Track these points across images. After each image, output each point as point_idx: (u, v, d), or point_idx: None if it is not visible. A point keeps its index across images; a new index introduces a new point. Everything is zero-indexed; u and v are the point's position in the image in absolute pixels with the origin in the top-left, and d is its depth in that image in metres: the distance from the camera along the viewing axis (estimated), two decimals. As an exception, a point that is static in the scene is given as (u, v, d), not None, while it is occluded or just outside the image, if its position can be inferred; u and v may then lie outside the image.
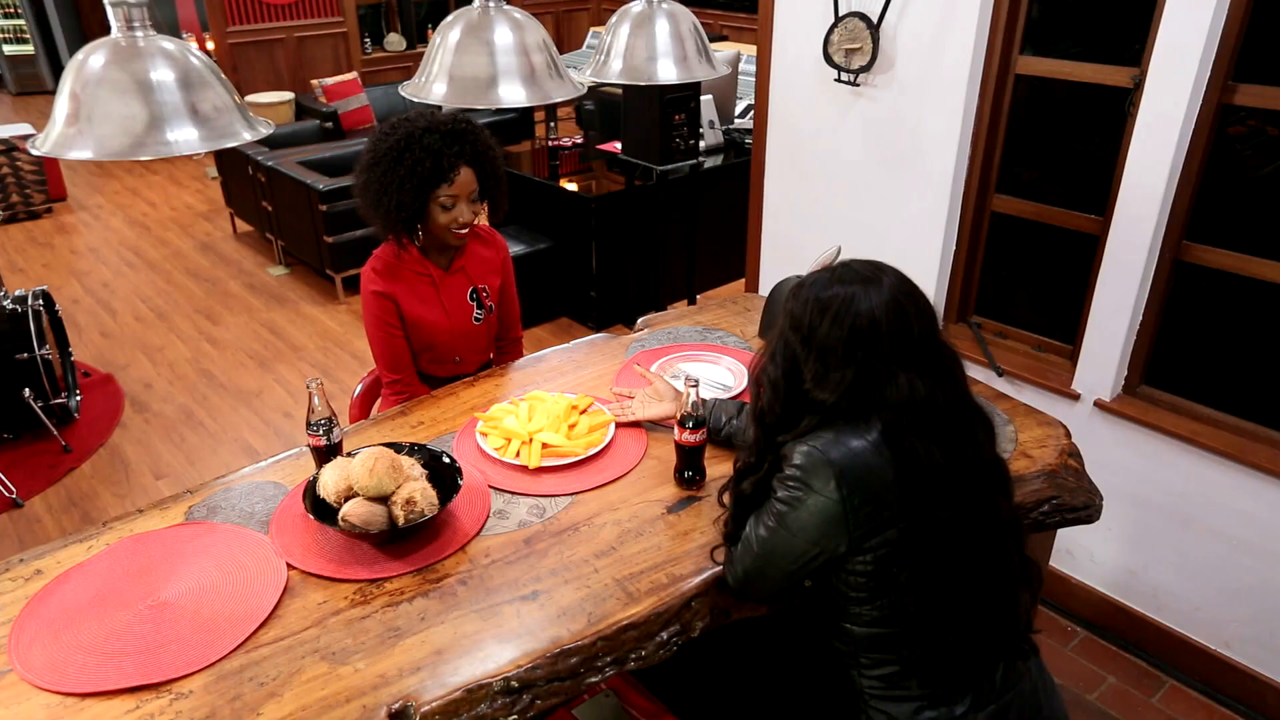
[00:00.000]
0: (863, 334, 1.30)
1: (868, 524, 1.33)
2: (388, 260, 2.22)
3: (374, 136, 2.17)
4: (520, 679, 1.38)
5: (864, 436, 1.32)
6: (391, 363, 2.26)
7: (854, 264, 1.38)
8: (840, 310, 1.31)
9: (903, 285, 1.35)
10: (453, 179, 2.11)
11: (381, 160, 2.12)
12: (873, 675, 1.43)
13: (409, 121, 2.13)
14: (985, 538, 1.36)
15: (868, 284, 1.33)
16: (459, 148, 2.12)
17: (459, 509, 1.72)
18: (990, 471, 1.38)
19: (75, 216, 6.72)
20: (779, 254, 3.37)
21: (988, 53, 2.58)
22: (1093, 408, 2.60)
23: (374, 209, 2.15)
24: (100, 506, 3.46)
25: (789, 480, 1.36)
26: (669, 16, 2.07)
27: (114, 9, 1.23)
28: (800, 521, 1.36)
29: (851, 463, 1.31)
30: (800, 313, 1.35)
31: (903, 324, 1.31)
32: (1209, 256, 2.36)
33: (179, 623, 1.47)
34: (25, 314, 3.64)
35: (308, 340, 4.76)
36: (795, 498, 1.35)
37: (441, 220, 2.15)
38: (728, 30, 8.22)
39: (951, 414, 1.34)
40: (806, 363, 1.35)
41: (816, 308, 1.34)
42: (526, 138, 6.40)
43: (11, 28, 10.43)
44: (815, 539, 1.36)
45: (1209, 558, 2.46)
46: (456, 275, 2.29)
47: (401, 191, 2.09)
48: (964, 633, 1.36)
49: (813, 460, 1.33)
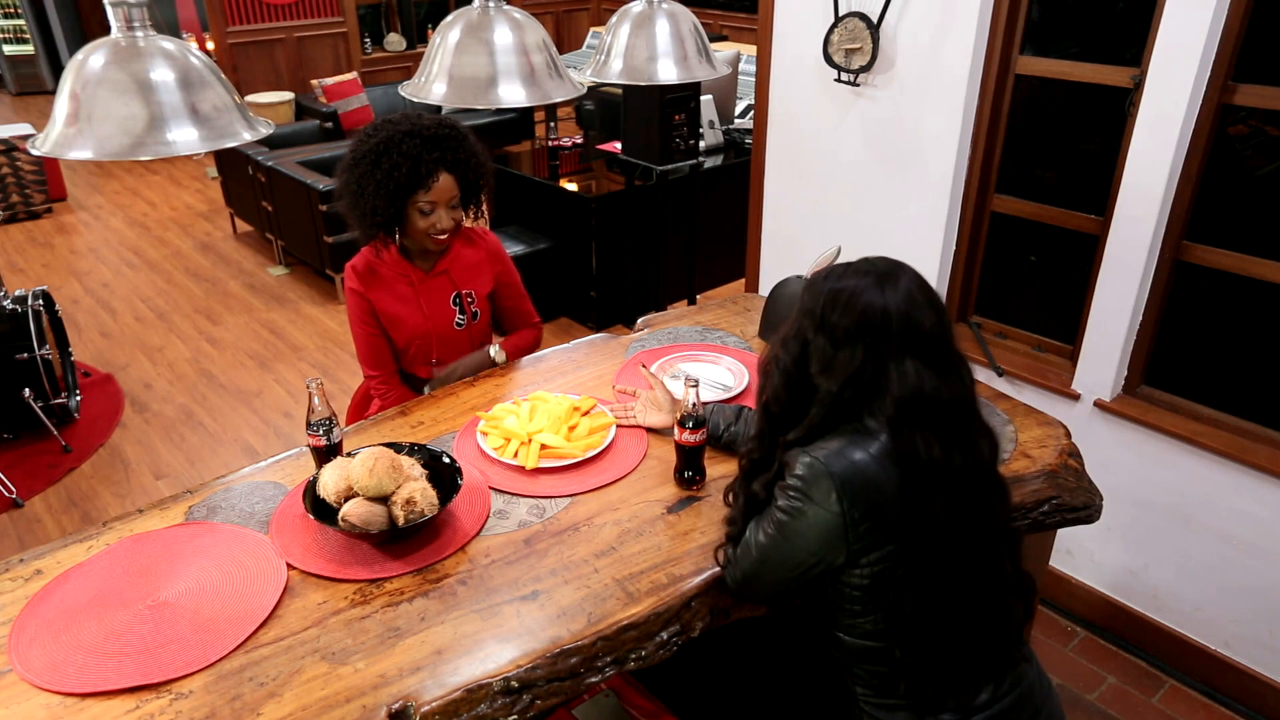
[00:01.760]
0: (872, 321, 1.31)
1: (867, 538, 1.32)
2: (367, 259, 2.22)
3: (357, 137, 2.14)
4: (520, 679, 1.38)
5: (867, 449, 1.32)
6: (371, 359, 2.26)
7: (874, 259, 1.39)
8: (852, 298, 1.33)
9: (919, 283, 1.36)
10: (430, 185, 2.09)
11: (360, 162, 2.10)
12: (865, 684, 1.44)
13: (391, 124, 2.10)
14: (981, 546, 1.35)
15: (884, 278, 1.34)
16: (439, 154, 2.09)
17: (459, 509, 1.72)
18: (990, 480, 1.38)
19: (75, 216, 6.72)
20: (779, 254, 3.37)
21: (987, 53, 2.58)
22: (1093, 408, 2.60)
23: (351, 210, 2.14)
24: (100, 506, 3.47)
25: (790, 490, 1.36)
26: (669, 16, 2.07)
27: (114, 9, 1.23)
28: (799, 532, 1.35)
29: (853, 476, 1.31)
30: (814, 302, 1.37)
31: (914, 316, 1.31)
32: (1209, 256, 2.36)
33: (179, 623, 1.47)
34: (25, 314, 3.64)
35: (308, 340, 4.76)
36: (795, 508, 1.35)
37: (420, 225, 2.13)
38: (728, 30, 8.22)
39: (956, 414, 1.34)
40: (815, 348, 1.36)
41: (830, 296, 1.35)
42: (526, 138, 6.40)
43: (11, 28, 10.43)
44: (814, 550, 1.35)
45: (1209, 558, 2.46)
46: (439, 278, 2.26)
47: (377, 195, 2.07)
48: (956, 644, 1.36)
49: (814, 471, 1.32)
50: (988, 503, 1.36)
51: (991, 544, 1.37)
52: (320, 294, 5.30)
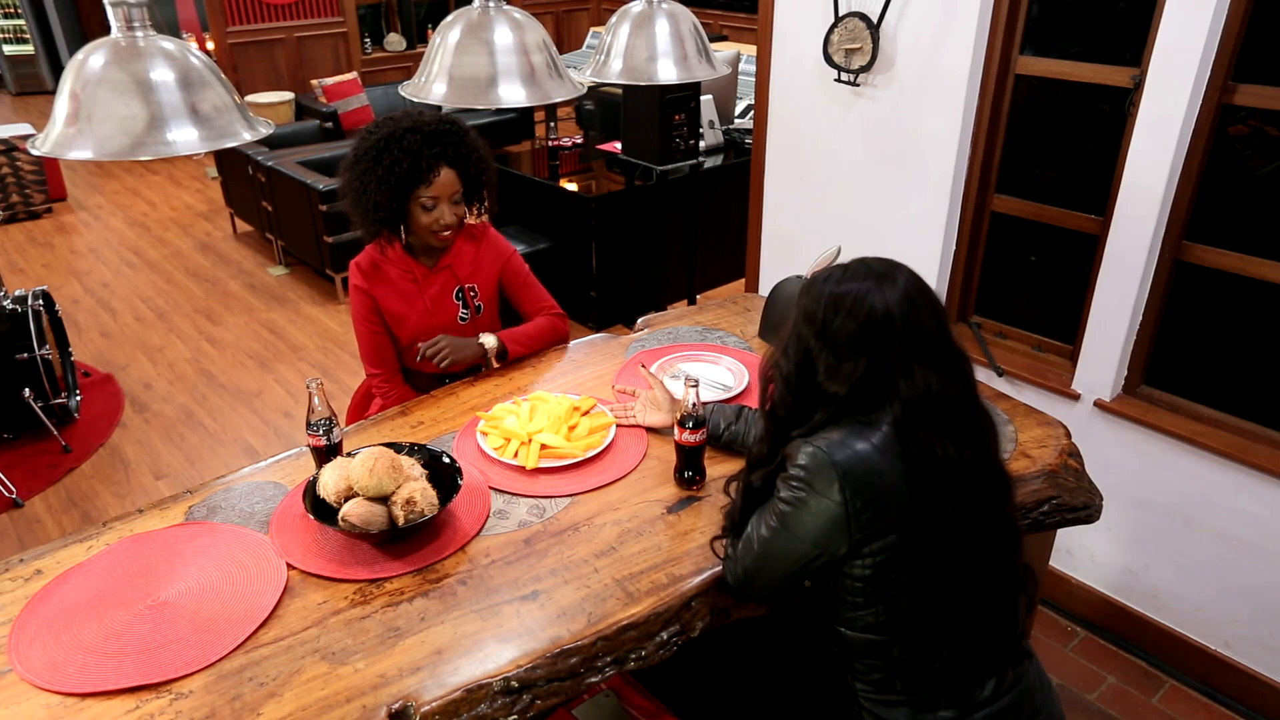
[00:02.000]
0: (876, 326, 1.31)
1: (869, 527, 1.32)
2: (372, 257, 2.23)
3: (358, 136, 2.17)
4: (520, 679, 1.38)
5: (869, 439, 1.32)
6: (373, 357, 2.27)
7: (869, 261, 1.39)
8: (854, 304, 1.32)
9: (916, 282, 1.36)
10: (431, 180, 2.10)
11: (362, 159, 2.11)
12: (866, 680, 1.44)
13: (392, 121, 2.12)
14: (987, 541, 1.36)
15: (881, 280, 1.34)
16: (440, 149, 2.11)
17: (459, 509, 1.72)
18: (995, 474, 1.39)
19: (75, 216, 6.72)
20: (779, 254, 3.37)
21: (987, 52, 2.58)
22: (1092, 408, 2.60)
23: (354, 208, 2.16)
24: (100, 506, 3.46)
25: (792, 480, 1.36)
26: (669, 16, 2.07)
27: (114, 9, 1.23)
28: (802, 523, 1.36)
29: (855, 466, 1.31)
30: (814, 307, 1.36)
31: (916, 318, 1.32)
32: (1209, 256, 2.36)
33: (179, 623, 1.47)
34: (25, 314, 3.64)
35: (308, 340, 4.76)
36: (798, 499, 1.35)
37: (423, 221, 2.15)
38: (728, 30, 8.22)
39: (963, 411, 1.34)
40: (819, 355, 1.35)
41: (830, 301, 1.34)
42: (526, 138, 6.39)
43: (11, 28, 10.43)
44: (816, 540, 1.36)
45: (1209, 558, 2.46)
46: (442, 274, 2.28)
47: (380, 191, 2.09)
48: (958, 638, 1.37)
49: (816, 461, 1.33)
50: (996, 496, 1.37)
51: (999, 538, 1.37)
52: (320, 294, 5.30)
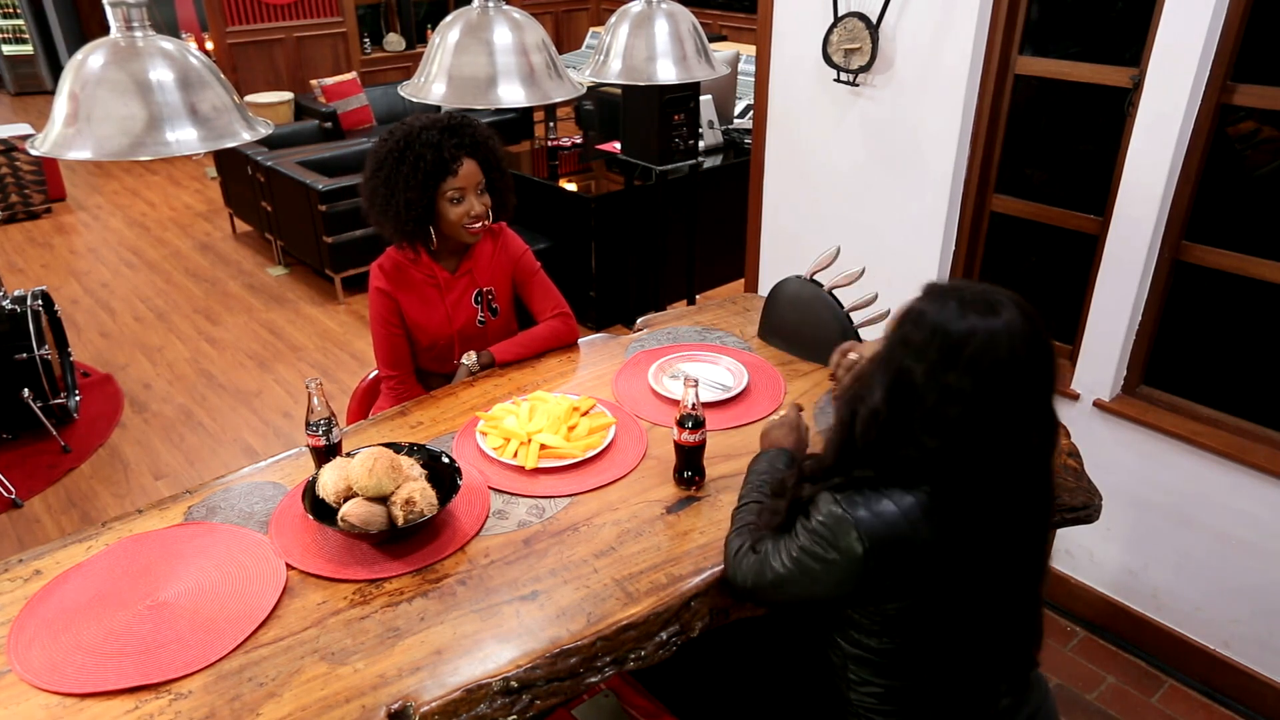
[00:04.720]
0: (999, 389, 1.19)
1: (888, 587, 1.30)
2: (396, 260, 2.25)
3: (374, 145, 2.20)
4: (520, 679, 1.38)
5: (899, 501, 1.25)
6: (389, 359, 2.27)
7: (992, 295, 1.23)
8: (977, 358, 1.18)
9: (1032, 324, 1.22)
10: (456, 170, 2.14)
11: (384, 164, 2.15)
12: (861, 691, 1.43)
13: (406, 124, 2.17)
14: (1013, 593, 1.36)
15: (992, 317, 1.20)
16: (458, 139, 2.15)
17: (458, 509, 1.72)
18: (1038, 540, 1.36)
19: (74, 217, 6.71)
20: (779, 254, 3.37)
21: (987, 53, 2.58)
22: (1092, 408, 2.60)
23: (384, 214, 2.17)
24: (100, 507, 3.46)
25: (813, 533, 1.32)
26: (668, 16, 2.07)
27: (113, 9, 1.23)
28: (818, 574, 1.32)
29: (880, 531, 1.25)
30: (925, 343, 1.22)
31: (1042, 379, 1.22)
32: (1208, 256, 2.36)
33: (178, 623, 1.47)
34: (24, 314, 3.63)
35: (307, 340, 4.76)
36: (816, 553, 1.31)
37: (452, 216, 2.17)
38: (727, 30, 8.22)
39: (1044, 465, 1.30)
40: (922, 399, 1.22)
41: (948, 349, 1.20)
42: (526, 138, 6.39)
43: (11, 28, 10.43)
44: (829, 590, 1.34)
45: (1209, 558, 2.46)
46: (463, 278, 2.30)
47: (409, 189, 2.12)
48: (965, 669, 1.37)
49: (840, 523, 1.27)
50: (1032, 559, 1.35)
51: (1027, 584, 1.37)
52: (320, 294, 5.30)
